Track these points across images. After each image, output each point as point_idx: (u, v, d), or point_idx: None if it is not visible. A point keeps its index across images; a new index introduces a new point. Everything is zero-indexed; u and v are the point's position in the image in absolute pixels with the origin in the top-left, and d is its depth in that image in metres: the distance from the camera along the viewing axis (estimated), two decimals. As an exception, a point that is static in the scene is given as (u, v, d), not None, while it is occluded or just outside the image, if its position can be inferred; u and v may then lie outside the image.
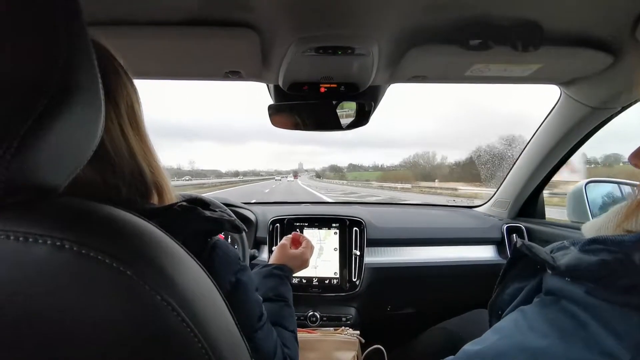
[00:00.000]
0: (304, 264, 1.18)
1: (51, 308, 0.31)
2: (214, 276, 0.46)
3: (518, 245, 0.65)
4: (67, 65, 0.34)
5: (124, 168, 0.62)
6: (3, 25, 0.31)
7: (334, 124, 1.40)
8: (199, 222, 0.64)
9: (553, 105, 1.49)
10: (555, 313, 0.52)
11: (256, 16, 0.92)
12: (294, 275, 1.14)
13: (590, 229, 0.65)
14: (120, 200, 0.61)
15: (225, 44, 1.02)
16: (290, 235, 1.26)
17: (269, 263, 1.11)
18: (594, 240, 0.54)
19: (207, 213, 0.66)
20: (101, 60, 0.40)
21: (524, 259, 0.68)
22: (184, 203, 0.65)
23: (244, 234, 1.53)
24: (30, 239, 0.31)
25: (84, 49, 0.36)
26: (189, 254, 0.43)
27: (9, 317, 0.30)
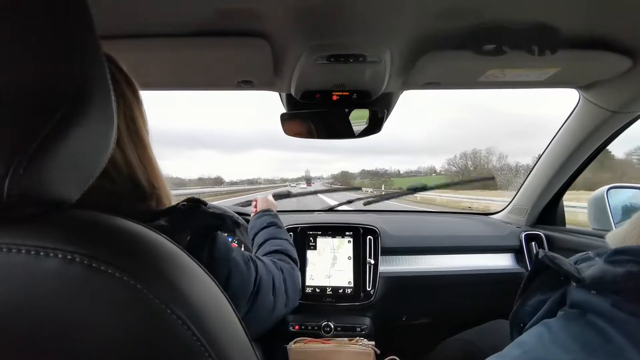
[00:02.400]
0: (272, 204, 1.48)
1: (62, 322, 0.31)
2: (217, 265, 0.47)
3: (540, 257, 0.63)
4: (81, 78, 0.34)
5: (120, 177, 0.63)
6: (18, 38, 0.31)
7: (346, 132, 1.40)
8: (204, 218, 0.67)
9: (572, 110, 1.46)
10: (580, 327, 0.50)
11: (268, 26, 0.92)
12: (307, 285, 1.61)
13: (614, 238, 0.63)
14: (120, 207, 0.60)
15: (238, 54, 1.02)
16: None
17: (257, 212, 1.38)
18: (619, 251, 0.52)
19: (210, 209, 0.69)
20: None
21: (547, 271, 0.66)
22: (185, 203, 0.67)
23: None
24: (42, 253, 0.32)
25: (97, 62, 0.37)
26: (198, 265, 0.43)
27: (20, 329, 0.31)
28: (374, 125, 1.38)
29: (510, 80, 1.17)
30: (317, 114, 1.37)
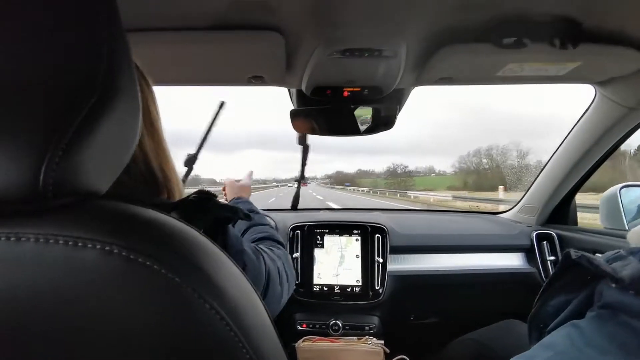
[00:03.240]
0: (245, 189, 1.38)
1: (100, 313, 0.32)
2: (233, 258, 0.46)
3: (574, 257, 0.61)
4: (109, 67, 0.35)
5: (135, 168, 0.64)
6: (47, 29, 0.32)
7: (357, 129, 1.37)
8: (216, 210, 0.67)
9: (587, 106, 1.44)
10: (615, 327, 0.49)
11: (282, 19, 0.90)
12: (315, 283, 1.60)
13: (637, 236, 0.61)
14: (135, 199, 0.61)
15: (251, 48, 1.00)
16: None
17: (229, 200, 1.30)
18: None
19: (222, 202, 0.69)
20: None
21: (572, 270, 0.64)
22: (196, 195, 0.67)
23: None
24: (80, 244, 0.31)
25: (123, 52, 0.37)
26: (229, 258, 0.43)
27: (59, 320, 0.31)
28: (386, 122, 1.35)
29: (529, 74, 1.15)
30: (327, 111, 1.35)
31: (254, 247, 0.86)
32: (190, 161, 1.39)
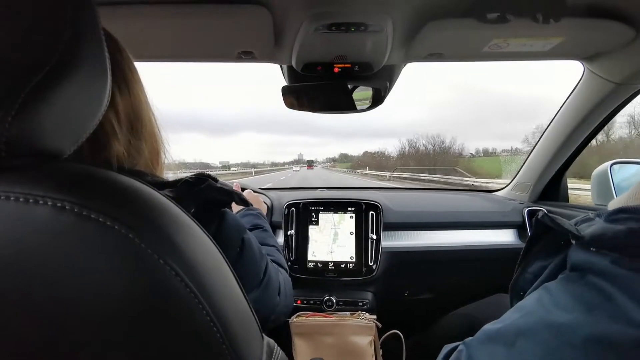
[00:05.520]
0: (260, 204, 1.48)
1: (51, 269, 0.31)
2: (226, 242, 0.48)
3: (540, 217, 0.63)
4: (72, 38, 0.35)
5: (149, 134, 0.67)
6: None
7: (348, 105, 1.38)
8: (211, 192, 0.67)
9: (576, 83, 1.44)
10: (581, 287, 0.50)
11: None
12: (309, 260, 1.62)
13: (615, 203, 0.63)
14: (134, 172, 0.64)
15: (237, 23, 1.00)
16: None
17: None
18: (620, 210, 0.52)
19: (218, 184, 0.69)
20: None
21: (546, 236, 0.66)
22: (193, 176, 0.67)
23: None
24: (31, 200, 0.31)
25: (89, 19, 0.38)
26: (196, 223, 0.43)
27: (10, 277, 0.31)
28: (376, 99, 1.36)
29: (515, 50, 1.15)
30: (318, 87, 1.35)
31: (262, 250, 0.88)
32: None
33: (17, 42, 0.33)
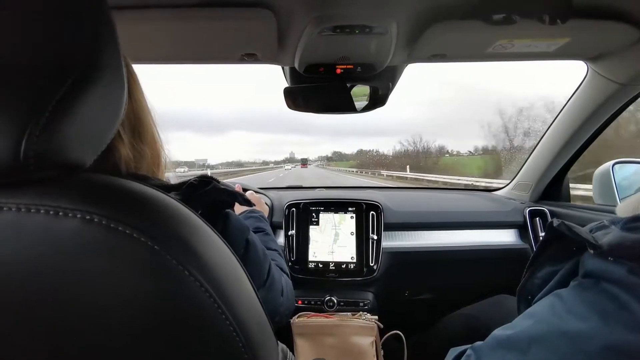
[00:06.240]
0: (262, 205, 1.46)
1: (80, 280, 0.33)
2: (230, 242, 0.48)
3: (555, 225, 0.62)
4: (92, 45, 0.36)
5: (151, 137, 0.68)
6: (30, 6, 0.33)
7: (350, 106, 1.37)
8: (216, 193, 0.68)
9: (579, 83, 1.44)
10: (595, 295, 0.50)
11: None
12: (310, 260, 1.62)
13: (625, 208, 0.62)
14: (139, 176, 0.64)
15: (242, 26, 1.00)
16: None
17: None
18: (636, 218, 0.52)
19: (222, 186, 0.69)
20: None
21: (558, 241, 0.65)
22: (198, 178, 0.68)
23: None
24: (61, 213, 0.33)
25: (107, 29, 0.38)
26: (212, 230, 0.44)
27: (40, 288, 0.32)
28: (378, 99, 1.36)
29: (519, 51, 1.14)
30: (320, 88, 1.35)
31: (265, 250, 0.88)
32: None
33: (40, 56, 0.33)
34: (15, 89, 0.32)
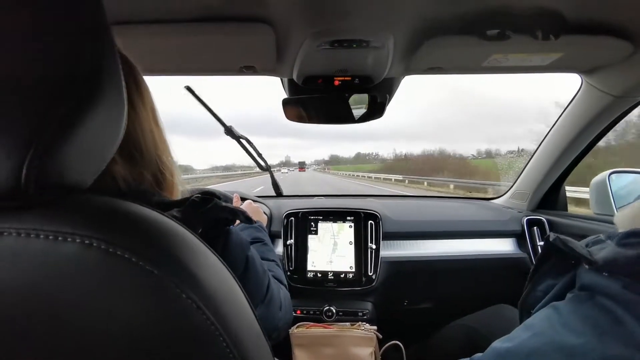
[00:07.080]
0: (261, 215, 1.44)
1: (79, 305, 0.32)
2: (231, 259, 0.48)
3: (552, 240, 0.63)
4: (92, 68, 0.36)
5: (149, 160, 0.65)
6: (30, 28, 0.32)
7: (347, 117, 1.39)
8: (217, 211, 0.67)
9: (574, 95, 1.45)
10: (590, 309, 0.51)
11: (271, 11, 0.91)
12: (309, 270, 1.61)
13: (623, 219, 0.63)
14: (139, 191, 0.63)
15: (241, 40, 1.02)
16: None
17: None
18: (631, 234, 0.53)
19: (223, 203, 0.69)
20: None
21: (556, 254, 0.66)
22: (199, 195, 0.67)
23: None
24: (60, 238, 0.32)
25: (108, 51, 0.38)
26: (210, 250, 0.44)
27: (39, 313, 0.32)
28: (376, 110, 1.37)
29: (514, 65, 1.16)
30: (318, 99, 1.36)
31: (264, 265, 0.88)
32: (230, 131, 1.45)
33: (40, 78, 0.33)
34: (16, 113, 0.32)
